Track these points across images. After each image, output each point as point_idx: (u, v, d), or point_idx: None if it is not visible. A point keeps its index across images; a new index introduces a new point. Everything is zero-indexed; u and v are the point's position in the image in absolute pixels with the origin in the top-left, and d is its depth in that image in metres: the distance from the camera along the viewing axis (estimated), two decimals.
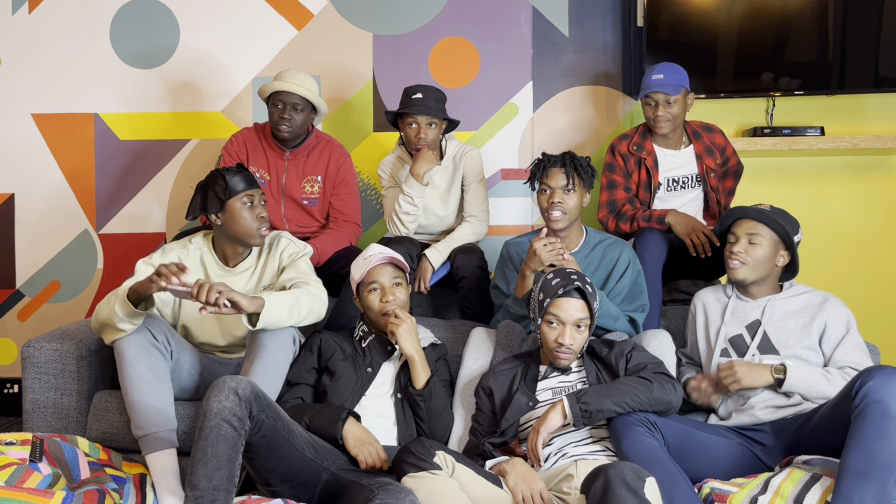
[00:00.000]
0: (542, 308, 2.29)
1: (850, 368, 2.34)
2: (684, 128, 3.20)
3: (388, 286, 2.45)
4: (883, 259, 3.67)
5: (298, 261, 2.62)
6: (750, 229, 2.47)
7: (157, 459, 2.30)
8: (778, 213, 2.48)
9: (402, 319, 2.38)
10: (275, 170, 3.18)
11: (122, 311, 2.29)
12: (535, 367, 2.39)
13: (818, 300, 2.47)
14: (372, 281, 2.45)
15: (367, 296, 2.46)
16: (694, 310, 2.63)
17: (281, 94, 3.07)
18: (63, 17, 3.74)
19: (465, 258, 3.04)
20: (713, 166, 3.16)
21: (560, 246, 2.53)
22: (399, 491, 1.94)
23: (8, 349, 3.81)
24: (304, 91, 3.06)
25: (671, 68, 3.10)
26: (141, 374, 2.34)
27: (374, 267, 2.46)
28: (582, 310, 2.27)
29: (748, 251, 2.46)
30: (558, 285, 2.28)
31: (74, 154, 3.77)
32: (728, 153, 3.22)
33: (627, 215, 3.10)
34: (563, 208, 2.66)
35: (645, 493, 1.82)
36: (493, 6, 3.68)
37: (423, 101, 3.08)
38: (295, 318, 2.39)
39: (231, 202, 2.55)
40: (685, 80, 3.09)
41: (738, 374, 2.33)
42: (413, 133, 3.10)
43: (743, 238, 2.48)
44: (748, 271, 2.47)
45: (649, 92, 3.06)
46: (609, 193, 3.18)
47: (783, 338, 2.42)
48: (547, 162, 2.71)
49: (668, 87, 3.04)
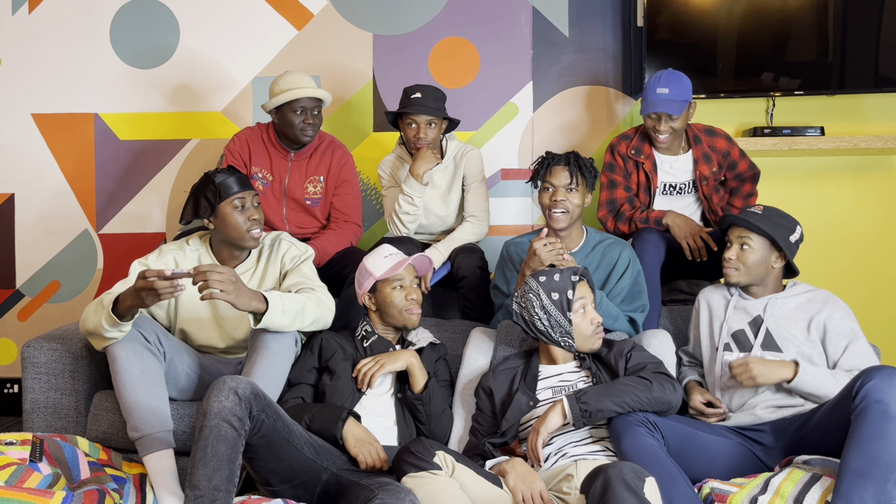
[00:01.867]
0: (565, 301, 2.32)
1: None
2: (686, 131, 3.16)
3: (410, 285, 2.50)
4: (883, 259, 3.67)
5: (301, 265, 2.61)
6: (741, 235, 2.49)
7: (155, 460, 2.30)
8: (769, 218, 2.47)
9: (376, 364, 2.39)
10: (278, 171, 3.17)
11: (107, 324, 2.29)
12: (534, 366, 2.39)
13: (820, 299, 2.47)
14: (399, 279, 2.48)
15: (391, 292, 2.47)
16: (698, 306, 2.63)
17: (301, 101, 3.04)
18: (63, 17, 3.74)
19: (466, 258, 3.04)
20: (707, 174, 3.11)
21: (560, 246, 2.53)
22: (399, 491, 1.94)
23: (8, 349, 3.81)
24: (319, 92, 3.07)
25: (677, 81, 3.01)
26: (134, 376, 2.34)
27: (399, 264, 2.48)
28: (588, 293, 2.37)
29: (740, 257, 2.48)
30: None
31: (74, 154, 3.77)
32: (734, 157, 3.17)
33: (626, 216, 3.09)
34: (566, 206, 2.66)
35: (645, 493, 1.82)
36: (493, 6, 3.68)
37: (422, 100, 3.08)
38: (298, 324, 2.40)
39: (222, 206, 2.53)
40: (689, 93, 3.03)
41: (754, 371, 2.31)
42: (413, 133, 3.10)
43: (735, 244, 2.50)
44: (742, 276, 2.49)
45: (653, 111, 3.00)
46: (609, 192, 3.16)
47: (785, 335, 2.42)
48: (551, 160, 2.71)
49: (673, 106, 2.97)
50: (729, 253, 2.50)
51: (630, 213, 3.08)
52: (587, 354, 2.36)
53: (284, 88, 3.07)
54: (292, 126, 3.07)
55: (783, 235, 2.45)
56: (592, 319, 2.33)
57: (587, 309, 2.34)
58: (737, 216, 2.51)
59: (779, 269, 2.51)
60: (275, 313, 2.32)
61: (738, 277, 2.49)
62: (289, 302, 2.38)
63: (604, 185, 3.19)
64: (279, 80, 3.10)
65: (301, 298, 2.42)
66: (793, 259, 2.49)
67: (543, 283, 2.34)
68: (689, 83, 3.05)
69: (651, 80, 3.05)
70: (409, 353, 2.42)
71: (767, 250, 2.47)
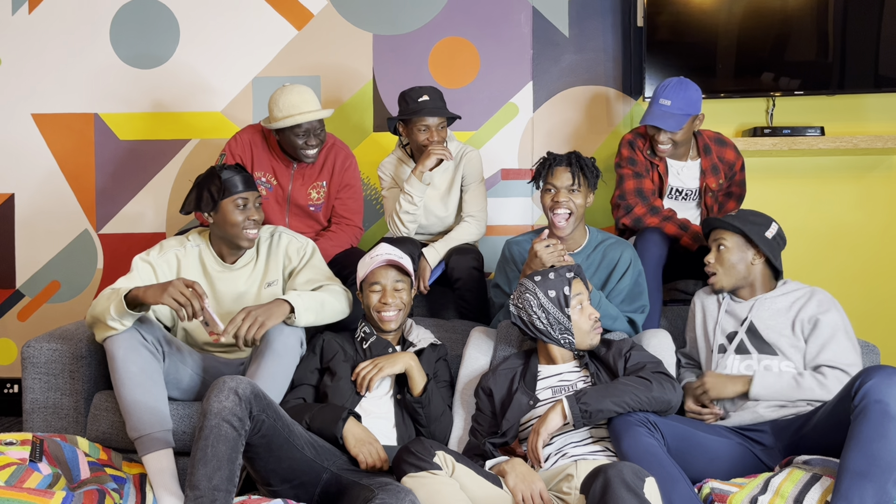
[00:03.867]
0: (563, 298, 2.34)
1: (835, 368, 2.32)
2: (696, 139, 3.11)
3: (389, 288, 2.46)
4: (883, 259, 3.67)
5: (312, 259, 2.65)
6: (716, 236, 2.53)
7: (154, 460, 2.30)
8: (741, 216, 2.51)
9: (374, 368, 2.38)
10: (281, 177, 3.12)
11: (115, 311, 2.30)
12: (533, 366, 2.39)
13: (805, 295, 2.46)
14: (374, 281, 2.47)
15: (370, 295, 2.48)
16: (693, 308, 2.64)
17: (303, 125, 2.94)
18: (63, 17, 3.74)
19: (460, 258, 3.04)
20: (714, 186, 3.07)
21: (561, 247, 2.53)
22: (399, 491, 1.94)
23: (8, 349, 3.81)
24: (321, 114, 2.96)
25: (682, 93, 2.90)
26: (133, 376, 2.34)
27: (378, 268, 2.47)
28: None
29: (718, 259, 2.51)
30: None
31: (74, 154, 3.77)
32: (736, 169, 3.13)
33: (662, 213, 2.99)
34: (569, 207, 2.64)
35: (644, 492, 1.81)
36: (493, 6, 3.68)
37: (431, 102, 3.05)
38: (322, 319, 2.49)
39: (224, 203, 2.54)
40: (695, 105, 2.92)
41: (707, 385, 2.39)
42: (426, 136, 3.06)
43: (713, 248, 2.53)
44: (723, 279, 2.51)
45: (649, 123, 2.91)
46: (636, 182, 3.04)
47: (775, 335, 2.43)
48: (552, 161, 2.68)
49: (670, 121, 2.88)
50: (708, 257, 2.53)
51: (669, 212, 3.00)
52: (586, 353, 2.37)
53: (286, 113, 2.92)
54: (294, 148, 3.00)
55: (757, 232, 2.47)
56: (590, 315, 2.35)
57: (584, 305, 2.36)
58: (710, 217, 2.58)
59: (760, 267, 2.50)
60: (301, 312, 2.42)
61: (720, 281, 2.52)
62: (308, 300, 2.44)
63: (628, 175, 3.05)
64: (279, 101, 2.95)
65: (319, 295, 2.49)
66: (775, 258, 2.49)
67: (539, 282, 2.35)
68: (698, 95, 2.95)
69: (658, 88, 2.96)
70: (408, 356, 2.41)
71: (743, 248, 2.49)
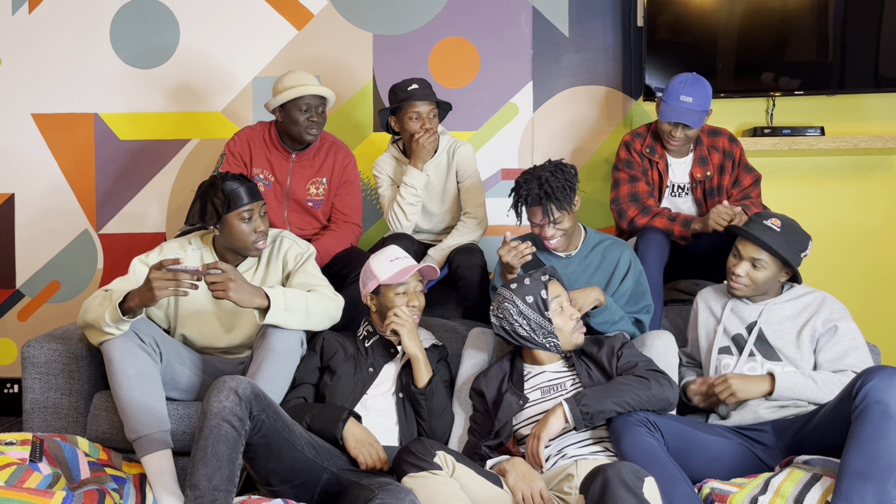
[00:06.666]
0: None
1: (851, 371, 2.33)
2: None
3: (414, 291, 2.47)
4: (883, 259, 3.67)
5: (306, 263, 2.61)
6: (754, 254, 2.40)
7: (153, 461, 2.30)
8: (784, 238, 2.38)
9: (404, 319, 2.38)
10: (279, 172, 3.14)
11: (110, 318, 2.29)
12: (519, 366, 2.39)
13: (816, 302, 2.45)
14: (401, 283, 2.45)
15: (394, 297, 2.44)
16: (696, 307, 2.62)
17: (305, 98, 3.01)
18: (63, 17, 3.74)
19: (464, 258, 3.03)
20: (699, 177, 3.06)
21: (523, 246, 2.56)
22: (399, 491, 1.94)
23: (8, 349, 3.81)
24: (324, 90, 3.04)
25: (702, 89, 2.90)
26: (130, 377, 2.34)
27: (404, 271, 2.45)
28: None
29: (750, 275, 2.42)
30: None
31: (74, 154, 3.77)
32: (735, 156, 3.10)
33: (652, 210, 2.99)
34: (556, 233, 2.62)
35: (644, 492, 1.82)
36: (493, 6, 3.68)
37: (419, 90, 3.05)
38: (307, 323, 2.42)
39: (229, 216, 2.50)
40: (709, 103, 2.93)
41: (734, 387, 2.33)
42: (418, 125, 3.05)
43: (746, 261, 2.42)
44: (749, 291, 2.45)
45: (675, 120, 2.89)
46: (631, 186, 3.05)
47: (782, 341, 2.41)
48: (523, 200, 2.60)
49: (695, 117, 2.88)
50: (739, 269, 2.42)
51: (657, 209, 3.00)
52: (572, 353, 2.36)
53: (289, 86, 3.03)
54: (296, 124, 3.04)
55: (796, 255, 2.41)
56: (571, 315, 2.34)
57: (564, 306, 2.34)
58: (755, 235, 2.38)
59: (783, 279, 2.49)
60: (277, 310, 2.33)
61: (745, 292, 2.46)
62: (292, 299, 2.38)
63: (623, 180, 3.07)
64: (283, 79, 3.08)
65: (304, 295, 2.43)
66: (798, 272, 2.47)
67: (516, 289, 2.35)
68: (711, 90, 2.95)
69: (674, 84, 2.92)
70: (421, 345, 2.41)
71: (779, 269, 2.43)
